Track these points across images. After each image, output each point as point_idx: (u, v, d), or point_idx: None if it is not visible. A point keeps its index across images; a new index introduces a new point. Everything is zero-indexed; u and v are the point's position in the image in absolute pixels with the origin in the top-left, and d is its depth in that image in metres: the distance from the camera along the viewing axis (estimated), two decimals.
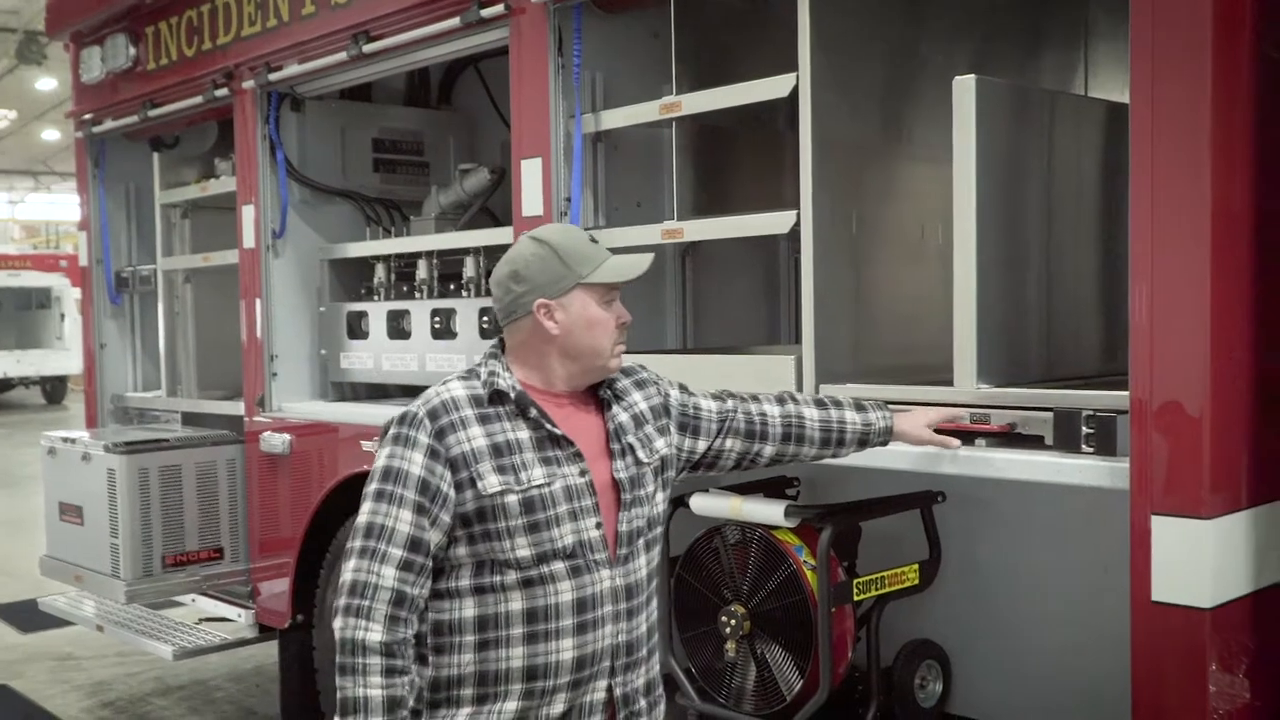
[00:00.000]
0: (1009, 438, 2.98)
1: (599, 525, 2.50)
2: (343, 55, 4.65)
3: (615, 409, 2.62)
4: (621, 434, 2.59)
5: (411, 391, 5.06)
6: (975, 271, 3.03)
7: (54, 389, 24.55)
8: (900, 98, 3.66)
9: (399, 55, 4.56)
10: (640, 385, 2.72)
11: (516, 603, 2.44)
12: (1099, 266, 3.52)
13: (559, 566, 2.45)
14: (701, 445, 2.80)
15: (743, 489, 3.57)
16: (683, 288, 4.29)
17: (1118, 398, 2.73)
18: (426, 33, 4.30)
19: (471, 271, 4.59)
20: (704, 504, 3.52)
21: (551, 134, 3.89)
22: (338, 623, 2.38)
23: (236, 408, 5.49)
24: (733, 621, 3.44)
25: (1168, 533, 2.54)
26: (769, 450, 2.91)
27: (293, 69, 4.97)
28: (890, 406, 3.08)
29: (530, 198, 3.95)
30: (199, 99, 5.49)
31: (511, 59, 4.03)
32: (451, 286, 4.72)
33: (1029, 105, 3.34)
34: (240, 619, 5.40)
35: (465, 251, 4.62)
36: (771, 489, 3.69)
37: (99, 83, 6.12)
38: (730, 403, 2.89)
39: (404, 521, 2.39)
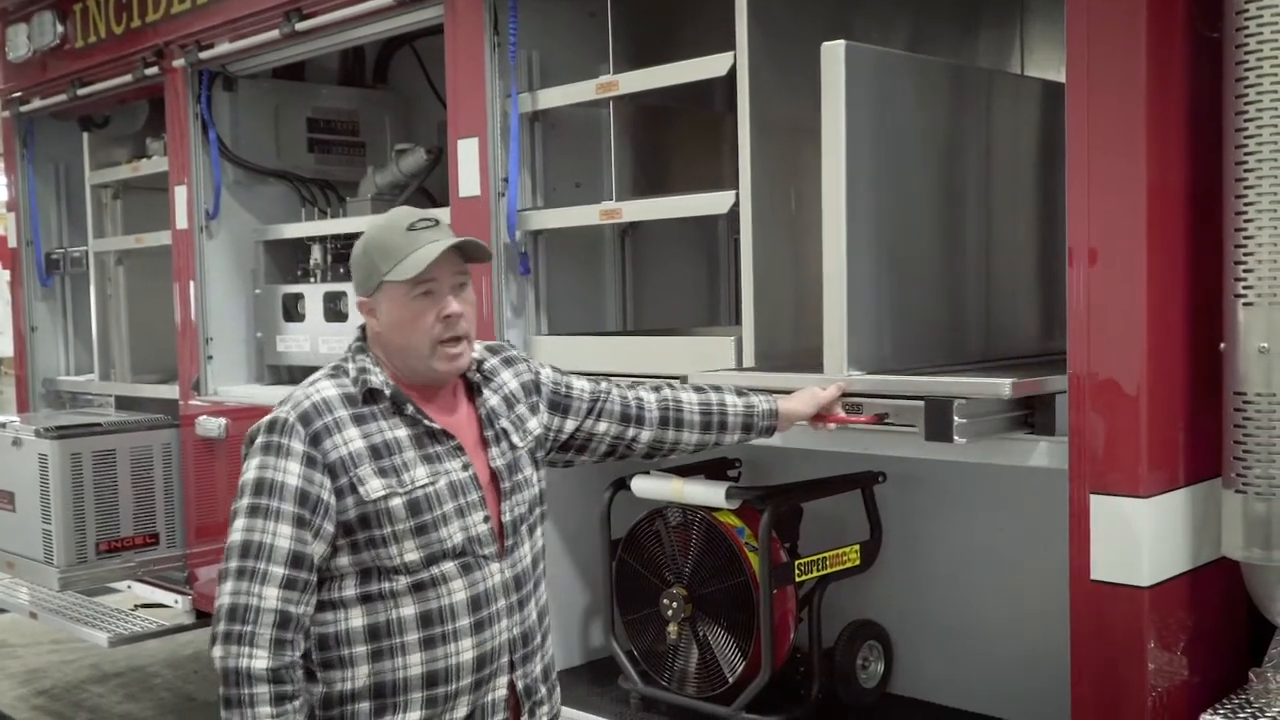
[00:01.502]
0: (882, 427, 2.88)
1: (486, 519, 2.39)
2: (275, 33, 4.56)
3: (485, 393, 2.50)
4: (494, 419, 2.48)
5: None
6: (845, 252, 2.89)
7: None
8: None
9: (333, 33, 4.47)
10: (509, 363, 2.61)
11: (409, 608, 2.31)
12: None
13: (450, 566, 2.34)
14: (570, 425, 2.68)
15: (684, 471, 3.56)
16: (622, 269, 4.26)
17: (995, 385, 2.69)
18: (360, 10, 4.22)
19: None
20: (645, 486, 3.51)
21: (488, 114, 3.83)
22: (217, 651, 2.20)
23: (171, 391, 5.40)
24: (674, 604, 3.44)
25: (1106, 511, 2.56)
26: (645, 435, 2.77)
27: (224, 47, 4.87)
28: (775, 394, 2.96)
29: (467, 178, 3.89)
30: (129, 77, 5.36)
31: (447, 37, 3.97)
32: None
33: (923, 76, 3.23)
34: (177, 605, 5.33)
35: None
36: (713, 471, 3.69)
37: (26, 61, 5.96)
38: (605, 384, 2.79)
39: (283, 537, 2.23)
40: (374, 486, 2.28)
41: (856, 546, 3.48)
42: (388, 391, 2.35)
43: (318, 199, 5.32)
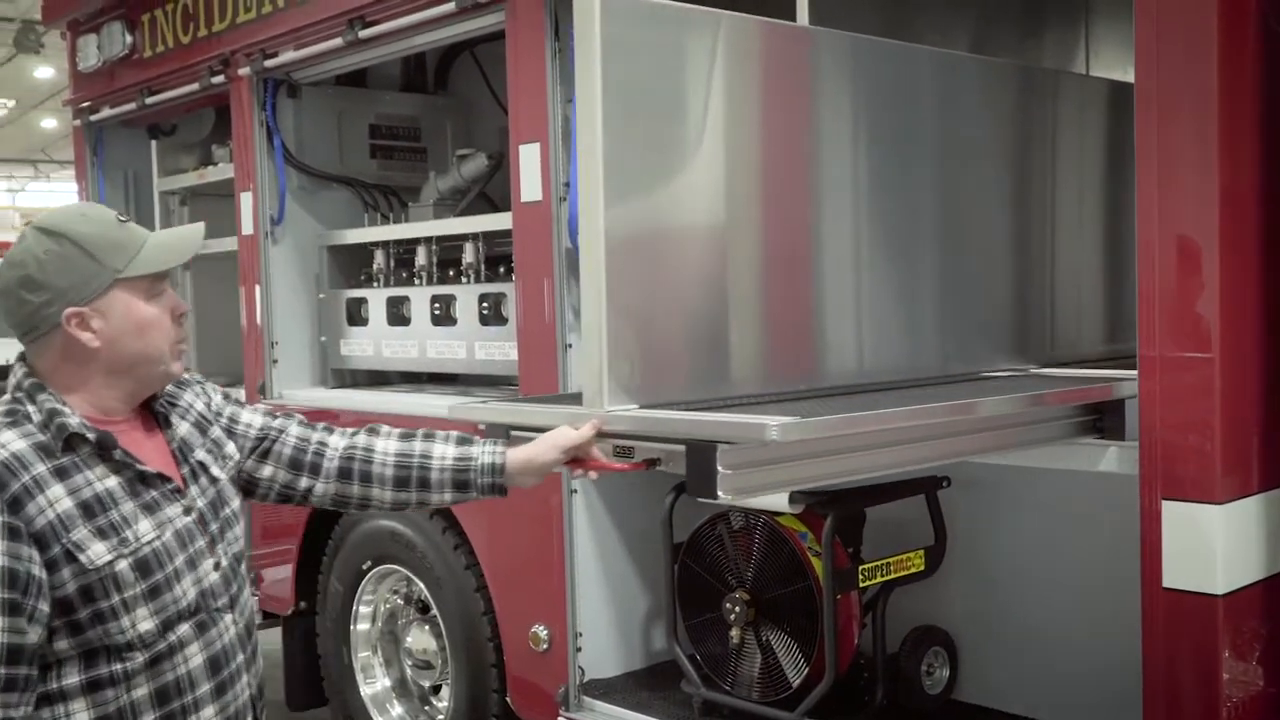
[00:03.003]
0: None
1: (217, 565, 2.11)
2: (339, 41, 4.61)
3: (173, 421, 2.18)
4: (188, 453, 2.16)
5: (413, 379, 5.05)
6: (603, 257, 2.43)
7: None
8: None
9: (395, 40, 4.51)
10: (183, 384, 2.28)
11: (142, 688, 2.00)
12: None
13: (186, 629, 2.04)
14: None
15: None
16: None
17: (758, 426, 2.22)
18: (422, 17, 4.25)
19: (470, 257, 4.56)
20: None
21: (549, 118, 3.84)
22: None
23: (238, 394, 5.47)
24: (737, 608, 3.43)
25: (1178, 518, 2.52)
26: (321, 488, 2.36)
27: (289, 55, 4.93)
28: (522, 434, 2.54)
29: (529, 183, 3.91)
30: (195, 86, 5.44)
31: (508, 43, 3.99)
32: (450, 272, 4.69)
33: (726, 38, 2.73)
34: None
35: (464, 237, 4.58)
36: None
37: (96, 71, 6.07)
38: (279, 421, 2.38)
39: None
40: (97, 551, 1.94)
41: (921, 552, 3.45)
42: (91, 436, 1.99)
43: (380, 204, 5.37)
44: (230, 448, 2.27)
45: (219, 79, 5.30)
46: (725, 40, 2.73)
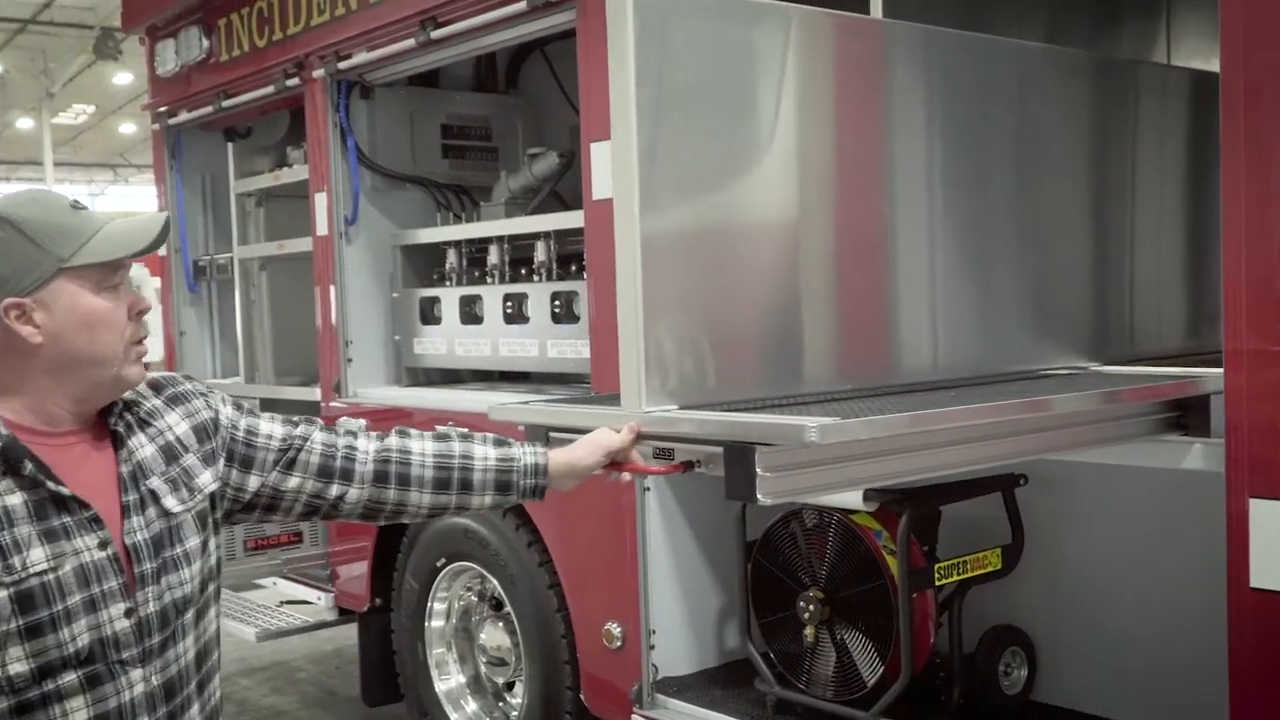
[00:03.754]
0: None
1: (129, 612, 1.84)
2: (411, 42, 4.65)
3: (133, 443, 1.94)
4: (139, 479, 1.91)
5: (485, 377, 5.08)
6: (639, 255, 2.35)
7: None
8: None
9: (466, 40, 4.54)
10: (178, 400, 2.05)
11: None
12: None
13: (70, 680, 1.78)
14: (253, 481, 2.10)
15: None
16: None
17: (793, 428, 2.15)
18: (494, 17, 4.28)
19: (542, 256, 4.58)
20: None
21: None
22: None
23: (313, 393, 5.53)
24: (811, 606, 3.41)
25: (1267, 516, 2.46)
26: (354, 494, 2.17)
27: (362, 57, 4.98)
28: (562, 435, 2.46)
29: (600, 181, 3.91)
30: (270, 89, 5.52)
31: (579, 42, 4.00)
32: (523, 271, 4.71)
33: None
34: (320, 602, 5.46)
35: (536, 236, 4.60)
36: None
37: (174, 75, 6.18)
38: (301, 429, 2.18)
39: None
40: None
41: (997, 550, 3.41)
42: None
43: (452, 204, 5.41)
44: (204, 478, 2.01)
45: (293, 81, 5.36)
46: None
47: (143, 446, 1.95)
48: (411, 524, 4.70)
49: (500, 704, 4.75)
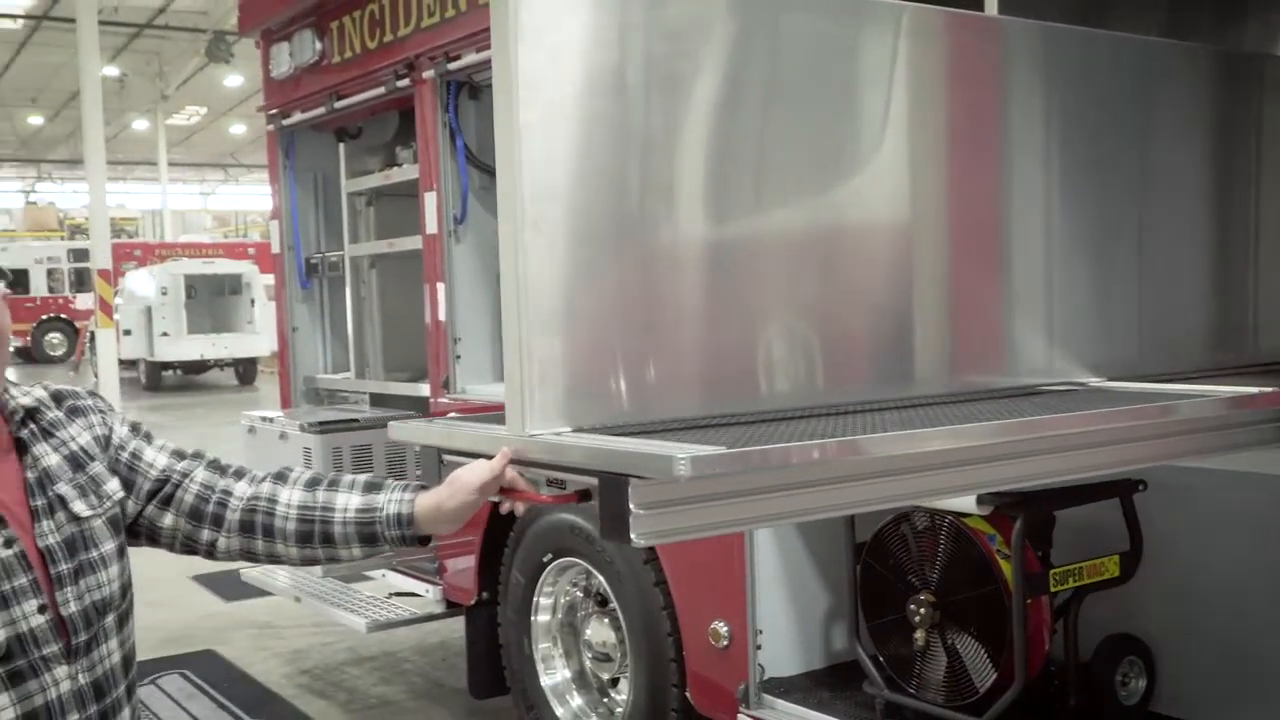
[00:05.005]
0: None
1: (43, 608, 1.86)
2: None
3: (37, 450, 1.97)
4: (46, 485, 1.94)
5: None
6: (518, 249, 2.11)
7: (245, 370, 25.63)
8: None
9: None
10: (77, 413, 2.07)
11: None
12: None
13: None
14: (131, 507, 2.08)
15: None
16: None
17: (662, 459, 1.88)
18: None
19: None
20: None
21: None
22: None
23: (422, 389, 5.62)
24: (922, 610, 3.38)
25: None
26: (223, 542, 2.11)
27: (471, 58, 5.04)
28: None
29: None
30: (381, 89, 5.61)
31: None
32: None
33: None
34: (428, 594, 5.54)
35: None
36: None
37: (288, 77, 6.32)
38: (185, 464, 2.13)
39: None
40: None
41: (1115, 557, 3.34)
42: None
43: None
44: (112, 485, 2.03)
45: (404, 82, 5.45)
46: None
47: (48, 455, 1.97)
48: (519, 518, 4.75)
49: (605, 700, 4.78)
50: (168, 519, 2.10)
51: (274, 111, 6.60)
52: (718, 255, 2.44)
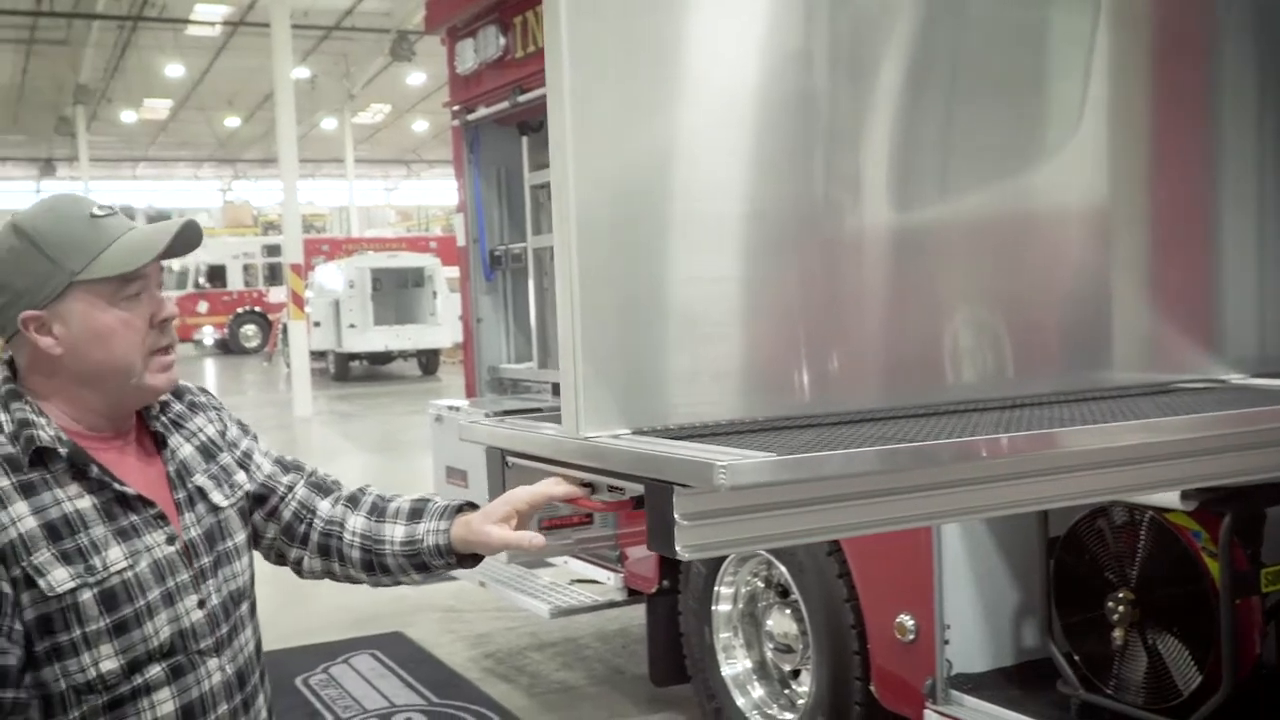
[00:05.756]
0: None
1: (202, 603, 1.91)
2: None
3: (173, 441, 2.00)
4: (185, 476, 1.98)
5: None
6: (575, 246, 1.95)
7: (428, 361, 26.35)
8: None
9: None
10: (196, 408, 2.10)
11: None
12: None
13: (156, 672, 1.85)
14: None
15: None
16: None
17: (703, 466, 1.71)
18: None
19: None
20: None
21: None
22: None
23: None
24: (1120, 608, 3.27)
25: None
26: (308, 562, 2.15)
27: None
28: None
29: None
30: None
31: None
32: None
33: None
34: (609, 582, 5.60)
35: None
36: None
37: (472, 73, 6.46)
38: (289, 476, 2.16)
39: None
40: (59, 578, 1.77)
41: None
42: (63, 451, 1.83)
43: None
44: (241, 476, 2.08)
45: None
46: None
47: (182, 445, 2.01)
48: None
49: (786, 691, 4.76)
50: (271, 530, 2.14)
51: (459, 107, 6.75)
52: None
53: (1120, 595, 3.27)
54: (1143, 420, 2.18)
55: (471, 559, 2.09)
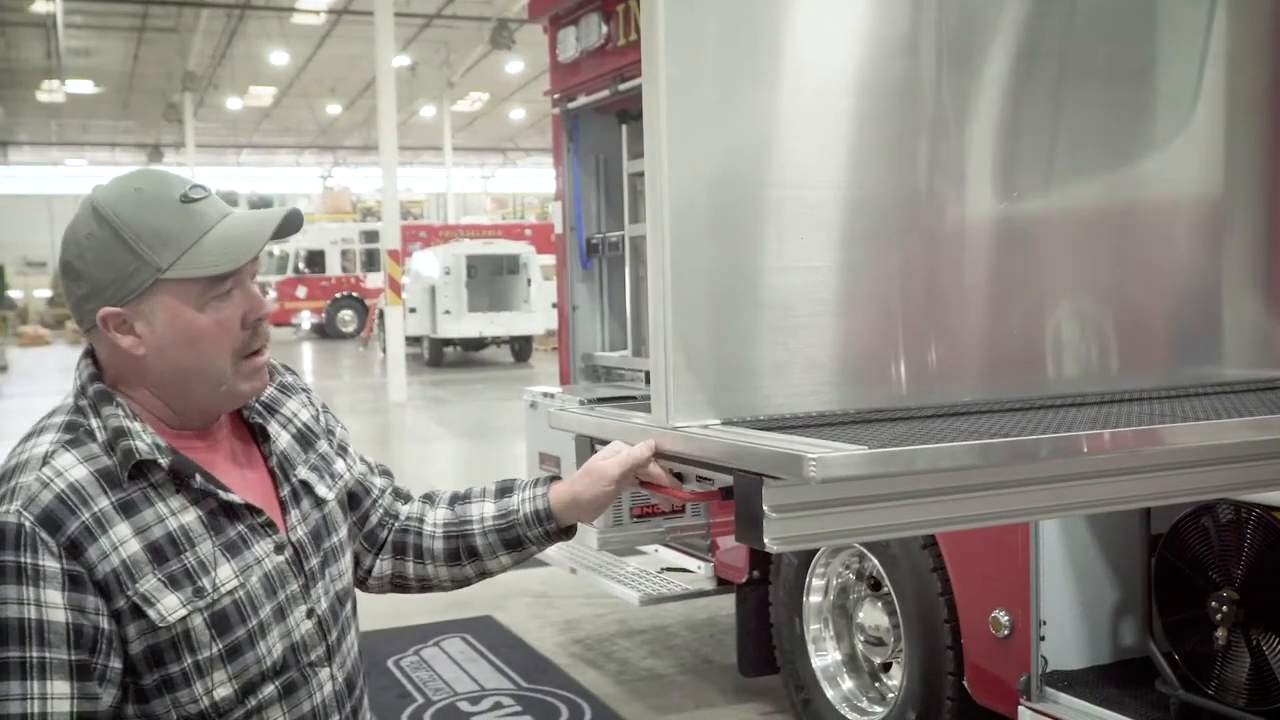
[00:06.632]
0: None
1: (311, 612, 1.78)
2: None
3: (271, 430, 1.85)
4: (288, 470, 1.83)
5: None
6: (668, 234, 1.93)
7: (521, 348, 26.57)
8: None
9: None
10: (288, 390, 1.94)
11: None
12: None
13: (269, 691, 1.72)
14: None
15: None
16: None
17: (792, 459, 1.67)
18: None
19: None
20: None
21: None
22: None
23: None
24: (1224, 608, 3.20)
25: None
26: (378, 566, 2.04)
27: None
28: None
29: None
30: None
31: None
32: None
33: None
34: (699, 571, 5.61)
35: None
36: None
37: (573, 61, 6.49)
38: (382, 480, 2.07)
39: (61, 699, 1.55)
40: (169, 605, 1.62)
41: None
42: (164, 462, 1.66)
43: None
44: (340, 465, 1.94)
45: None
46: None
47: (279, 434, 1.86)
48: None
49: (876, 684, 4.74)
50: (354, 534, 2.02)
51: (559, 95, 6.80)
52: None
53: (1224, 594, 3.20)
54: (1251, 417, 2.13)
55: (566, 532, 2.03)
